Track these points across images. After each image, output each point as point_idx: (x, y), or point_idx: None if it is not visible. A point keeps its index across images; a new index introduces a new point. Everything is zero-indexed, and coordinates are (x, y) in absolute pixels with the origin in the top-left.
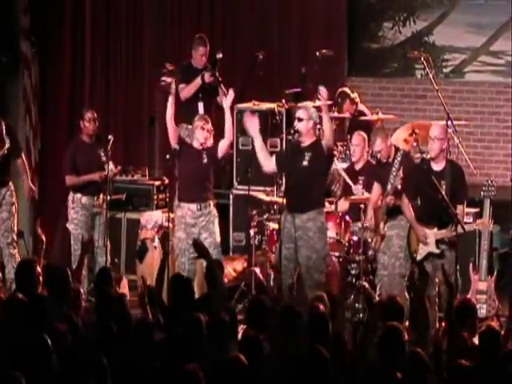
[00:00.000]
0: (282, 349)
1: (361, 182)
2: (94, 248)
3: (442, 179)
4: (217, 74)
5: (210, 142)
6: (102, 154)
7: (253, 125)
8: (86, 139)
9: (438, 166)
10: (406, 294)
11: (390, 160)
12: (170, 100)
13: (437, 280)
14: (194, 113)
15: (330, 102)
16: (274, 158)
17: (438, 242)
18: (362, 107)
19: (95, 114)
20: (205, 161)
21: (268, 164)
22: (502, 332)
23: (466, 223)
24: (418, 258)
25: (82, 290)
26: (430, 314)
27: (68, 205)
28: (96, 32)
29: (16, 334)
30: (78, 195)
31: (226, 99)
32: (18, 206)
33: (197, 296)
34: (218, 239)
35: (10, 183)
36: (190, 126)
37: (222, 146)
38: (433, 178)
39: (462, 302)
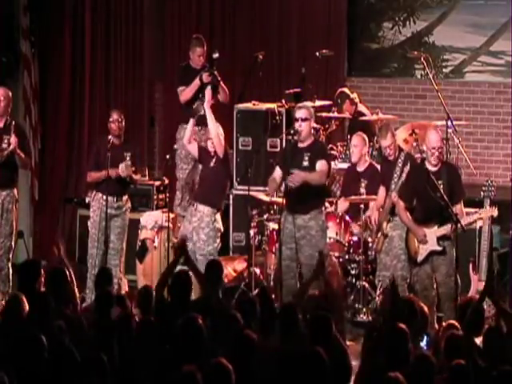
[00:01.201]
0: (281, 349)
1: (363, 184)
2: (108, 250)
3: (439, 180)
4: (215, 73)
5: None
6: (128, 158)
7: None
8: (112, 138)
9: (434, 167)
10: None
11: (394, 159)
12: (191, 123)
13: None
14: None
15: None
16: (277, 169)
17: (439, 239)
18: (361, 107)
19: (121, 116)
20: (212, 164)
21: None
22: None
23: (468, 217)
24: (419, 258)
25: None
26: (429, 314)
27: (90, 202)
28: (96, 32)
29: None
30: (99, 194)
31: (204, 99)
32: (18, 213)
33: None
34: (208, 247)
35: (14, 189)
36: None
37: (215, 146)
38: (432, 177)
39: (469, 302)
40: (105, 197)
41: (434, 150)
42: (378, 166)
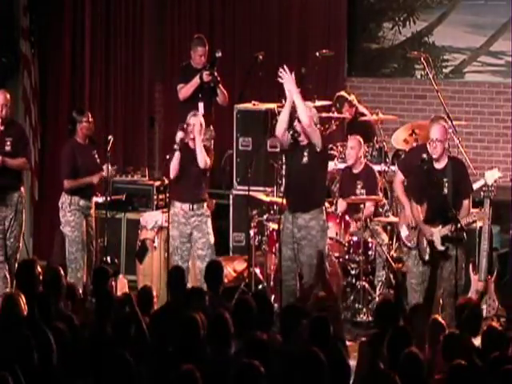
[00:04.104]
0: (281, 349)
1: (359, 186)
2: (91, 250)
3: (445, 177)
4: (215, 73)
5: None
6: (96, 156)
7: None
8: (80, 141)
9: (439, 165)
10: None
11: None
12: (177, 155)
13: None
14: None
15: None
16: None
17: (444, 239)
18: (361, 109)
19: (90, 117)
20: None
21: (282, 132)
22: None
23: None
24: (427, 258)
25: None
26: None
27: (63, 207)
28: (96, 32)
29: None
30: (76, 198)
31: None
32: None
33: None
34: (212, 239)
35: (22, 189)
36: None
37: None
38: (434, 177)
39: (467, 303)
40: (82, 200)
41: (432, 142)
42: (375, 167)
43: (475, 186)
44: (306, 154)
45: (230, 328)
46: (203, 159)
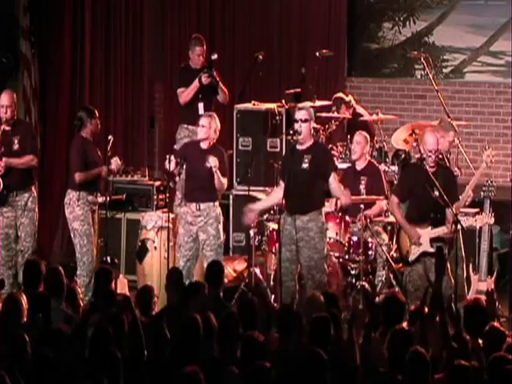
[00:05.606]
0: (281, 349)
1: (362, 182)
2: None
3: (436, 179)
4: (214, 74)
5: (210, 139)
6: (100, 154)
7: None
8: (89, 137)
9: (431, 168)
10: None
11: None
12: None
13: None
14: (195, 113)
15: None
16: (280, 186)
17: (433, 240)
18: (359, 109)
19: (97, 115)
20: (207, 164)
21: (276, 197)
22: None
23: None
24: (411, 258)
25: (79, 290)
26: None
27: (70, 204)
28: (96, 32)
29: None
30: (84, 193)
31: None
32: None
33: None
34: (217, 242)
35: (33, 188)
36: (190, 127)
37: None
38: (431, 177)
39: (475, 304)
40: (90, 195)
41: (430, 153)
42: (380, 166)
43: (479, 172)
44: (306, 160)
45: (239, 327)
46: (219, 184)
